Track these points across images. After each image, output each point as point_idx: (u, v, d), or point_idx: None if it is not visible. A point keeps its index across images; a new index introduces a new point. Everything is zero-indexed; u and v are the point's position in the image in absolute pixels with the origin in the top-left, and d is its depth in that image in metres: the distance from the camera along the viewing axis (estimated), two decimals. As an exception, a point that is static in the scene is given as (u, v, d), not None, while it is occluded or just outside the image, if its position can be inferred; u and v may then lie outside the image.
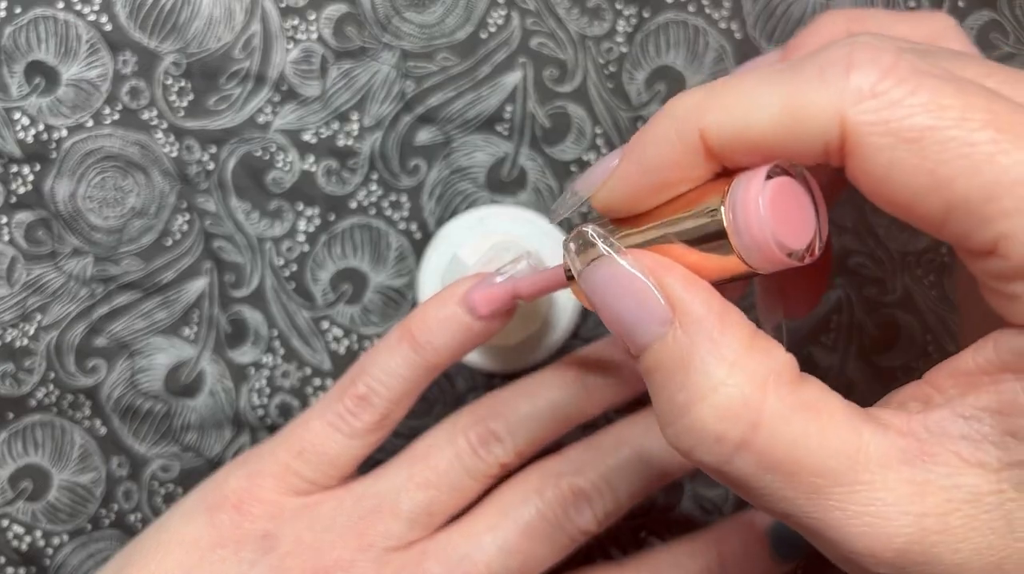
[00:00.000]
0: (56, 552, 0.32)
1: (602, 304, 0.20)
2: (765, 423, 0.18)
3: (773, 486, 0.18)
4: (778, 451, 0.18)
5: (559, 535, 0.27)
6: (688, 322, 0.18)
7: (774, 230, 0.18)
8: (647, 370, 0.19)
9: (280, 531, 0.27)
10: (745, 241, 0.18)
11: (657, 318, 0.19)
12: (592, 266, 0.20)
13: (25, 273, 0.31)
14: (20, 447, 0.31)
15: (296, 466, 0.27)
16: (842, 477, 0.18)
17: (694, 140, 0.19)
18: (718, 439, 0.18)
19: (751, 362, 0.18)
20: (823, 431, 0.18)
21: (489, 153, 0.31)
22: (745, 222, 0.18)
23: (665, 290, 0.19)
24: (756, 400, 0.18)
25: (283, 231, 0.31)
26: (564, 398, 0.28)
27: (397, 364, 0.27)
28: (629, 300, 0.19)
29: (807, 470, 0.18)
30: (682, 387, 0.18)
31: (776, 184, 0.18)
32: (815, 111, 0.17)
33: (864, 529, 0.18)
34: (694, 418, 0.18)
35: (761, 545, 0.29)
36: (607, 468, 0.28)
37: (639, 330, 0.19)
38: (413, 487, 0.27)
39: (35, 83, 0.31)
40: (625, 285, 0.19)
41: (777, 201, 0.18)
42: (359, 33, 0.31)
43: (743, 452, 0.18)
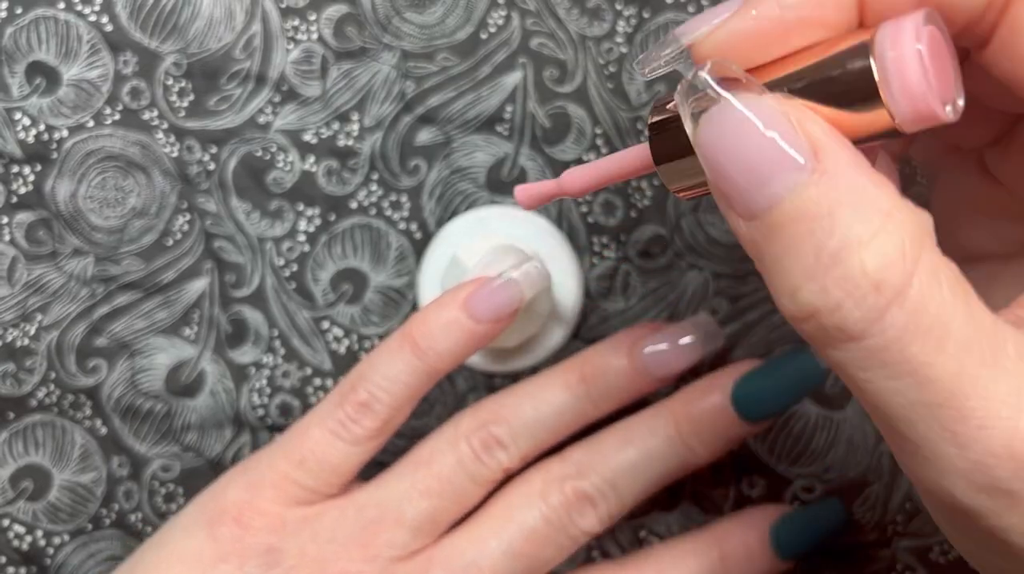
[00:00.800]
0: (57, 552, 0.32)
1: (727, 151, 0.17)
2: (919, 279, 0.16)
3: (919, 358, 0.16)
4: (931, 310, 0.16)
5: (563, 537, 0.27)
6: (835, 168, 0.16)
7: (935, 84, 0.16)
8: (777, 226, 0.17)
9: (284, 544, 0.27)
10: (897, 95, 0.17)
11: (798, 164, 0.16)
12: (716, 111, 0.17)
13: (26, 273, 0.31)
14: (21, 447, 0.31)
15: (297, 476, 0.27)
16: (988, 356, 0.16)
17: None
18: (876, 288, 0.16)
19: (905, 215, 0.17)
20: (969, 302, 0.16)
21: (489, 153, 0.31)
22: (900, 73, 0.16)
23: (809, 134, 0.17)
24: (913, 252, 0.16)
25: (283, 231, 0.31)
26: (567, 401, 0.28)
27: (399, 370, 0.27)
28: (764, 145, 0.17)
29: (956, 339, 0.16)
30: (832, 234, 0.16)
31: (931, 31, 0.17)
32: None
33: (1008, 422, 0.16)
34: (852, 264, 0.16)
35: (762, 543, 0.29)
36: (610, 470, 0.28)
37: (775, 179, 0.17)
38: (417, 495, 0.27)
39: (36, 83, 0.31)
40: (758, 127, 0.17)
41: (933, 48, 0.17)
42: (359, 33, 0.31)
43: (896, 307, 0.16)
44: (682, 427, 0.28)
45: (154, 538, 0.28)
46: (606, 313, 0.32)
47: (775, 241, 0.17)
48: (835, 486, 0.31)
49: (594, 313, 0.32)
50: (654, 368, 0.29)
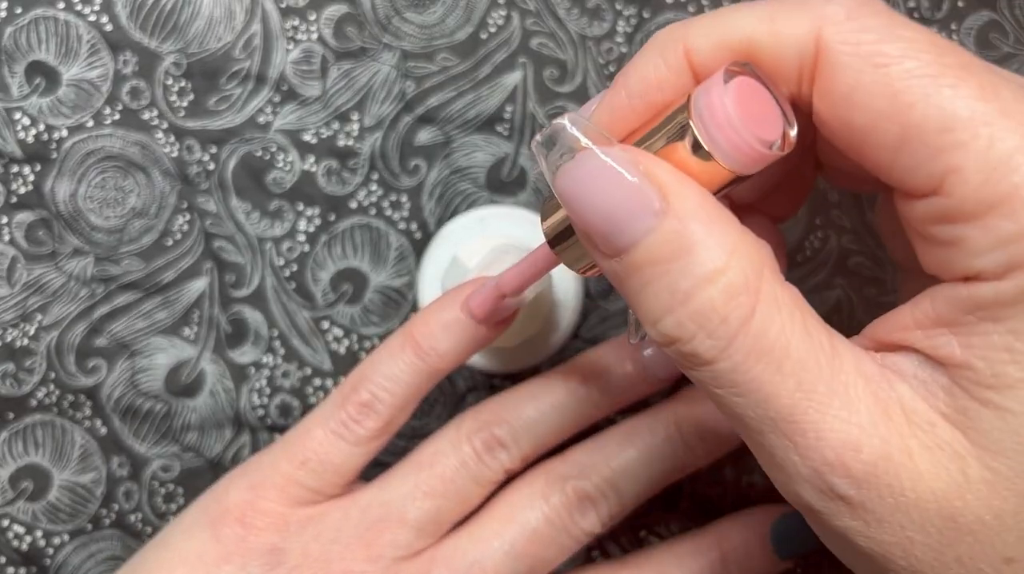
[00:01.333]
0: (56, 552, 0.32)
1: (584, 202, 0.19)
2: (761, 306, 0.18)
3: (761, 378, 0.18)
4: (770, 334, 0.18)
5: (564, 538, 0.27)
6: (684, 210, 0.18)
7: (746, 125, 0.18)
8: (635, 266, 0.18)
9: (287, 544, 0.27)
10: (720, 143, 0.18)
11: (649, 209, 0.18)
12: (577, 159, 0.18)
13: (25, 273, 0.31)
14: (20, 447, 0.31)
15: (299, 476, 0.27)
16: (824, 374, 0.18)
17: (678, 58, 0.19)
18: (723, 320, 0.18)
19: (748, 247, 0.18)
20: (807, 326, 0.18)
21: (489, 153, 0.31)
22: (715, 124, 0.18)
23: (655, 180, 0.18)
24: (755, 282, 0.18)
25: (283, 231, 0.31)
26: (568, 403, 0.28)
27: (401, 370, 0.27)
28: (616, 193, 0.18)
29: (794, 360, 0.18)
30: (683, 274, 0.18)
31: (737, 83, 0.18)
32: (794, 25, 0.18)
33: (839, 434, 0.17)
34: (702, 301, 0.18)
35: (762, 543, 0.29)
36: (611, 471, 0.28)
37: (628, 225, 0.18)
38: (420, 496, 0.27)
39: (36, 83, 0.31)
40: (611, 177, 0.18)
41: (741, 97, 0.18)
42: (359, 33, 0.31)
43: (741, 336, 0.18)
44: (683, 427, 0.28)
45: (156, 539, 0.28)
46: (606, 313, 0.32)
47: (635, 278, 0.19)
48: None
49: (594, 313, 0.32)
50: (655, 369, 0.29)
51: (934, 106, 0.17)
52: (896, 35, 0.17)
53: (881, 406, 0.18)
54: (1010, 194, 0.16)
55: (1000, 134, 0.17)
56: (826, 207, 0.32)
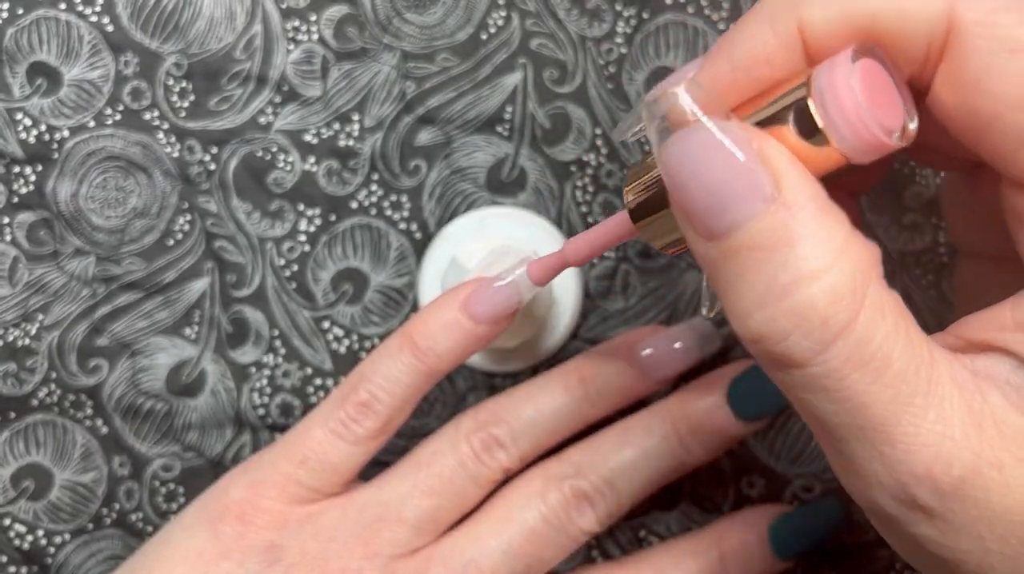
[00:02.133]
0: (58, 551, 0.32)
1: (690, 174, 0.17)
2: (865, 313, 0.17)
3: (856, 387, 0.17)
4: (873, 344, 0.17)
5: (562, 537, 0.28)
6: (795, 200, 0.17)
7: (871, 111, 0.17)
8: (734, 251, 0.17)
9: (285, 541, 0.27)
10: (840, 128, 0.17)
11: (759, 193, 0.17)
12: (689, 130, 0.17)
13: (27, 273, 0.31)
14: (22, 446, 0.32)
15: (299, 475, 0.27)
16: (921, 387, 0.17)
17: (791, 33, 0.18)
18: (824, 322, 0.17)
19: (857, 249, 0.17)
20: (909, 334, 0.17)
21: (489, 153, 0.32)
22: (838, 107, 0.17)
23: (770, 163, 0.17)
24: (862, 287, 0.17)
25: (284, 231, 0.32)
26: (567, 403, 0.28)
27: (399, 371, 0.27)
28: (726, 171, 0.17)
29: (893, 371, 0.17)
30: (785, 267, 0.17)
31: (863, 65, 0.17)
32: (925, 1, 0.17)
33: (931, 449, 0.17)
34: (802, 298, 0.17)
35: (761, 543, 0.29)
36: (608, 470, 0.28)
37: (735, 206, 0.17)
38: (418, 495, 0.27)
39: (37, 84, 0.31)
40: (723, 154, 0.17)
41: (867, 82, 0.17)
42: (360, 34, 0.31)
43: (841, 341, 0.17)
44: (679, 427, 0.28)
45: (156, 537, 0.28)
46: (606, 313, 0.32)
47: (730, 265, 0.17)
48: (835, 485, 0.31)
49: (594, 313, 0.32)
50: (652, 370, 0.29)
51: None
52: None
53: (975, 418, 0.17)
54: None
55: None
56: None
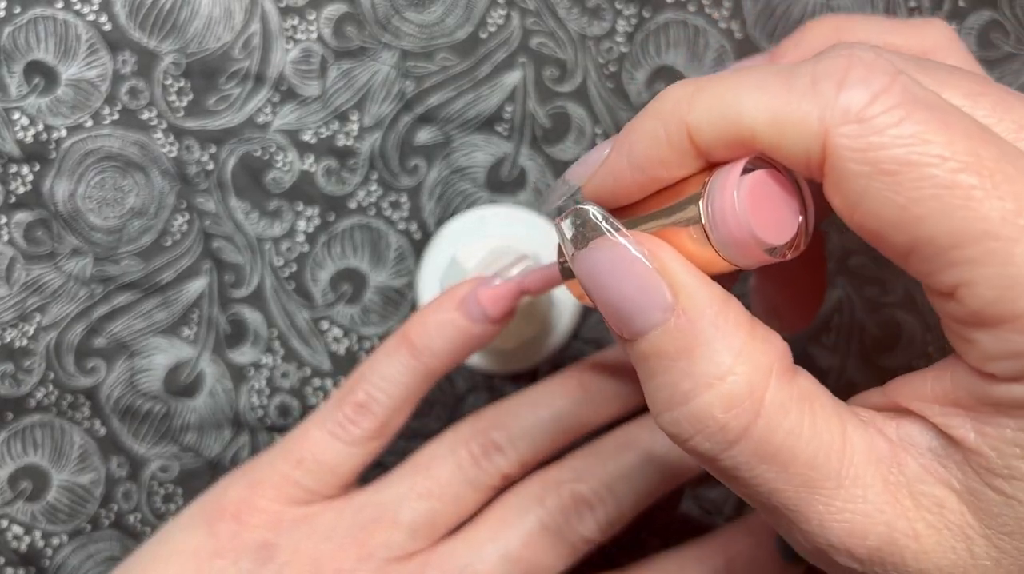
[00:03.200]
0: (55, 553, 0.32)
1: (599, 287, 0.19)
2: (765, 413, 0.18)
3: (765, 477, 0.18)
4: (775, 441, 0.18)
5: (561, 544, 0.27)
6: (692, 309, 0.18)
7: (752, 224, 0.18)
8: (643, 356, 0.19)
9: (279, 541, 0.27)
10: (722, 236, 0.18)
11: (659, 304, 0.18)
12: (591, 247, 0.19)
13: (24, 273, 0.31)
14: (19, 447, 0.31)
15: (296, 476, 0.27)
16: (831, 471, 0.18)
17: (681, 138, 0.18)
18: (722, 428, 0.18)
19: (755, 351, 0.18)
20: (815, 423, 0.18)
21: (489, 153, 0.31)
22: (721, 216, 0.18)
23: (668, 275, 0.18)
24: (760, 389, 0.18)
25: (282, 231, 0.31)
26: (567, 408, 0.28)
27: (396, 371, 0.27)
28: (629, 284, 0.18)
29: (800, 462, 0.18)
30: (686, 375, 0.18)
31: (755, 177, 0.18)
32: (800, 122, 0.17)
33: (844, 525, 0.18)
34: (699, 406, 0.18)
35: (768, 549, 0.29)
36: (608, 475, 0.28)
37: (638, 316, 0.18)
38: (415, 497, 0.27)
39: (34, 83, 0.31)
40: (626, 268, 0.18)
41: (756, 194, 0.18)
42: (359, 33, 0.31)
43: (742, 442, 0.18)
44: None
45: (155, 536, 0.28)
46: (606, 313, 0.32)
47: (642, 367, 0.19)
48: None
49: (594, 313, 0.32)
50: None
51: (945, 221, 0.16)
52: (908, 134, 0.16)
53: (890, 491, 0.18)
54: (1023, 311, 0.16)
55: (1018, 249, 0.16)
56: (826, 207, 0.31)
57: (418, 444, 0.29)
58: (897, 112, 0.16)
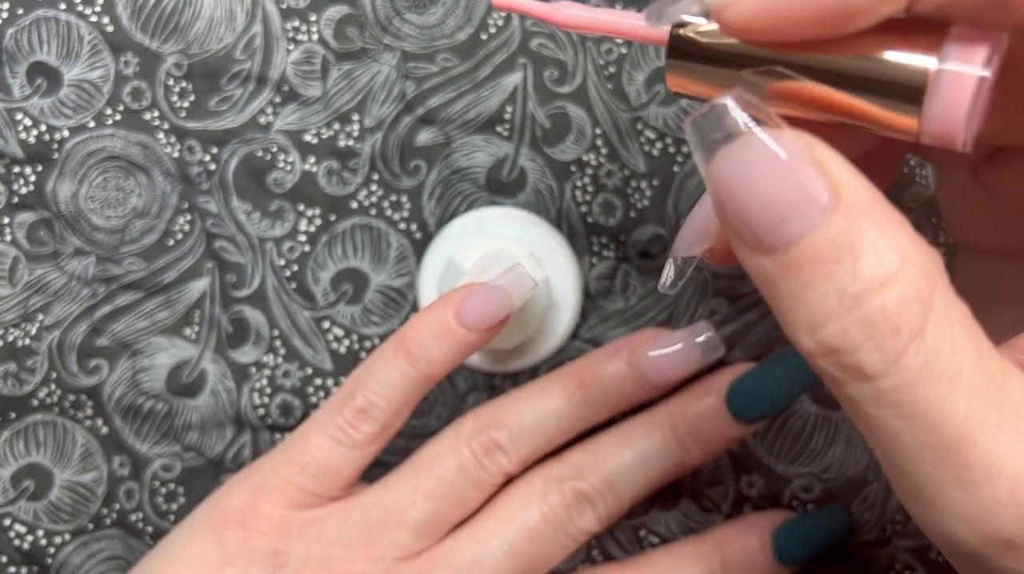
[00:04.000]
0: (58, 551, 0.32)
1: (743, 190, 0.16)
2: (934, 321, 0.16)
3: (929, 400, 0.16)
4: (943, 353, 0.16)
5: (562, 537, 0.28)
6: (856, 208, 0.16)
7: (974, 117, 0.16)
8: (796, 265, 0.16)
9: (288, 547, 0.27)
10: (937, 117, 0.16)
11: (818, 203, 0.16)
12: (739, 144, 0.16)
13: (27, 273, 0.31)
14: (22, 446, 0.32)
15: (299, 481, 0.27)
16: (995, 401, 0.16)
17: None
18: (896, 331, 0.16)
19: (920, 254, 0.16)
20: (979, 344, 0.16)
21: (489, 154, 0.32)
22: (953, 100, 0.16)
23: (827, 172, 0.16)
24: (928, 294, 0.16)
25: (284, 231, 0.32)
26: (566, 406, 0.29)
27: (394, 377, 0.27)
28: (781, 183, 0.16)
29: (966, 382, 0.16)
30: (854, 277, 0.16)
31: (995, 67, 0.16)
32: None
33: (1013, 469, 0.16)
34: (874, 307, 0.16)
35: (764, 549, 0.29)
36: (608, 470, 0.28)
37: (794, 219, 0.16)
38: (419, 498, 0.27)
39: (37, 84, 0.31)
40: (777, 166, 0.16)
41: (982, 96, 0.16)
42: (360, 34, 0.31)
43: (913, 349, 0.16)
44: (678, 429, 0.29)
45: (159, 545, 0.28)
46: (606, 313, 0.32)
47: (792, 279, 0.17)
48: (834, 485, 0.31)
49: (594, 313, 0.32)
50: (652, 376, 0.29)
51: None
52: None
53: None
54: None
55: None
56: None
57: (418, 443, 0.29)
58: None
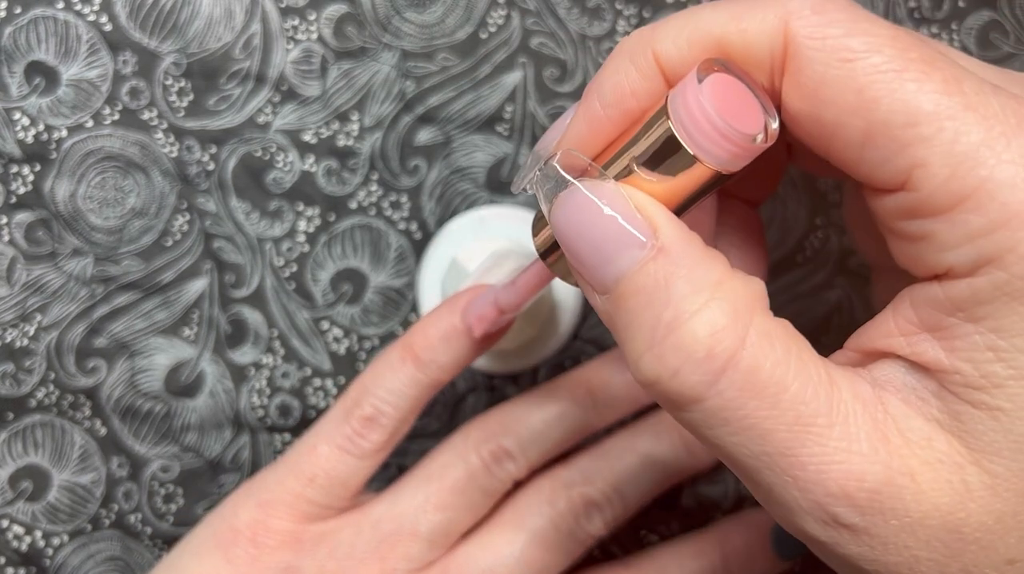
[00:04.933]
0: (56, 552, 0.32)
1: (576, 234, 0.19)
2: (751, 342, 0.17)
3: (756, 415, 0.17)
4: (763, 372, 0.17)
5: (570, 542, 0.28)
6: (671, 244, 0.18)
7: (725, 120, 0.18)
8: (622, 298, 0.18)
9: (301, 562, 0.27)
10: (702, 143, 0.18)
11: (636, 242, 0.18)
12: (568, 193, 0.19)
13: (25, 273, 0.31)
14: (20, 447, 0.31)
15: (309, 493, 0.27)
16: (822, 405, 0.17)
17: (649, 63, 0.19)
18: (709, 355, 0.17)
19: (736, 282, 0.18)
20: (802, 359, 0.18)
21: (489, 153, 0.31)
22: (694, 123, 0.18)
23: (643, 213, 0.18)
24: (744, 317, 0.18)
25: (283, 231, 0.31)
26: (573, 412, 0.29)
27: (403, 383, 0.27)
28: (604, 227, 0.18)
29: (790, 395, 0.17)
30: (667, 305, 0.18)
31: (714, 78, 0.18)
32: (761, 21, 0.18)
33: (841, 465, 0.17)
34: (684, 333, 0.17)
35: (763, 543, 0.29)
36: (615, 476, 0.28)
37: (617, 256, 0.18)
38: (431, 509, 0.27)
39: (35, 83, 0.31)
40: (599, 212, 0.18)
41: (718, 93, 0.18)
42: (359, 33, 0.31)
43: (731, 371, 0.17)
44: (685, 433, 0.29)
45: (163, 563, 0.28)
46: (606, 313, 0.32)
47: (621, 313, 0.18)
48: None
49: (594, 314, 0.32)
50: None
51: (899, 101, 0.17)
52: (861, 29, 0.17)
53: (880, 430, 0.17)
54: (976, 188, 0.16)
55: (965, 127, 0.17)
56: (826, 207, 0.32)
57: (418, 444, 0.29)
58: (850, 10, 0.18)
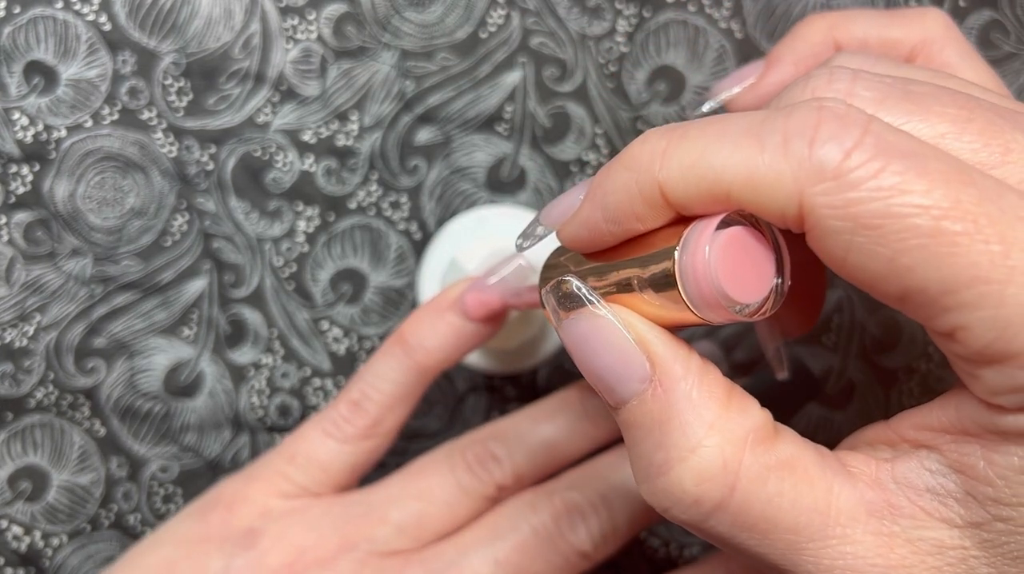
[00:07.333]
0: (55, 553, 0.32)
1: (582, 356, 0.20)
2: (741, 485, 0.18)
3: (748, 543, 0.18)
4: (753, 512, 0.18)
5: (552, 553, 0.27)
6: (667, 380, 0.18)
7: (721, 281, 0.18)
8: (624, 425, 0.19)
9: (265, 527, 0.27)
10: (691, 291, 0.18)
11: (637, 375, 0.19)
12: (573, 318, 0.20)
13: (24, 273, 0.31)
14: (19, 448, 0.31)
15: (288, 471, 0.28)
16: (815, 533, 0.18)
17: (654, 193, 0.18)
18: (696, 502, 0.18)
19: (729, 422, 0.18)
20: (796, 489, 0.18)
21: (489, 153, 0.31)
22: (692, 271, 0.18)
23: (645, 346, 0.19)
24: (734, 462, 0.18)
25: (282, 231, 0.31)
26: (567, 426, 0.28)
27: (389, 367, 0.27)
28: (609, 355, 0.19)
29: (781, 528, 0.18)
30: (660, 446, 0.18)
31: (730, 234, 0.18)
32: (775, 183, 0.17)
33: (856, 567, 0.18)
34: (672, 479, 0.18)
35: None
36: (604, 485, 0.28)
37: (618, 386, 0.19)
38: (405, 498, 0.27)
39: (34, 83, 0.31)
40: (605, 339, 0.19)
41: (729, 251, 0.18)
42: (359, 33, 0.31)
43: (719, 513, 0.18)
44: None
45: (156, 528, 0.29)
46: (606, 313, 0.32)
47: (626, 433, 0.19)
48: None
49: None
50: None
51: (933, 270, 0.16)
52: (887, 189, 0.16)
53: (883, 543, 0.18)
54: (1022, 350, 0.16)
55: (1011, 291, 0.16)
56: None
57: (418, 444, 0.29)
58: (873, 165, 0.16)
